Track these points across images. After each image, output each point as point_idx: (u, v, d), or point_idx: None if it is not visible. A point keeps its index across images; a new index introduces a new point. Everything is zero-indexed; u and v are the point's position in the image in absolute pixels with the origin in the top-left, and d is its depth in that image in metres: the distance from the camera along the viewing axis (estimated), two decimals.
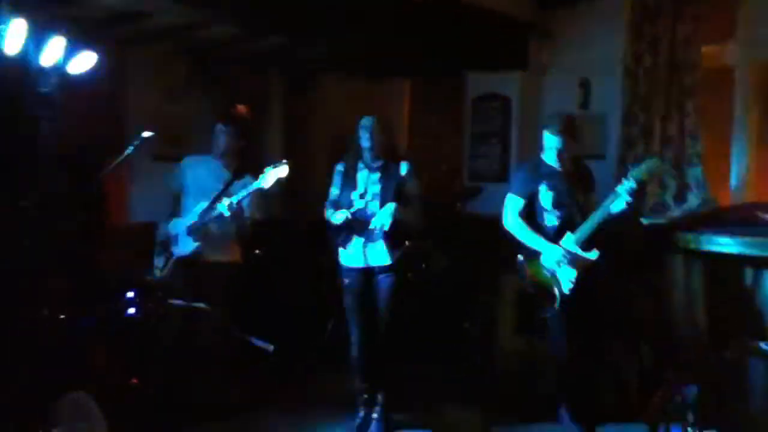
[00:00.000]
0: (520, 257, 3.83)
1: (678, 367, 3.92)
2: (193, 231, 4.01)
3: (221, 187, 3.96)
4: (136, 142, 3.89)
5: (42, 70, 3.86)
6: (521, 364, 4.65)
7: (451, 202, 5.59)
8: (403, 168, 3.79)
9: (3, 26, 3.57)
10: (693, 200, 4.56)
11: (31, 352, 3.59)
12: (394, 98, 6.91)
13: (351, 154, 3.91)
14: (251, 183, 3.88)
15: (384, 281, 3.83)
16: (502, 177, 5.81)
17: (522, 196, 3.82)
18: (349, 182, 3.87)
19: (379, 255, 3.80)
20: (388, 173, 3.79)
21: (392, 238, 3.77)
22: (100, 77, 4.33)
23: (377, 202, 3.76)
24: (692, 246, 4.11)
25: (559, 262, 3.67)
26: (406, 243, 3.94)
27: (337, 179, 3.96)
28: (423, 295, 5.21)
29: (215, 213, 3.88)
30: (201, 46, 5.51)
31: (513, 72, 5.86)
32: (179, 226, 4.09)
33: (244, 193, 3.84)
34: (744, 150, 4.71)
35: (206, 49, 5.60)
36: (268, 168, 3.79)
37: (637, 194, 3.62)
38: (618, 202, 3.56)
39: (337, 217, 3.77)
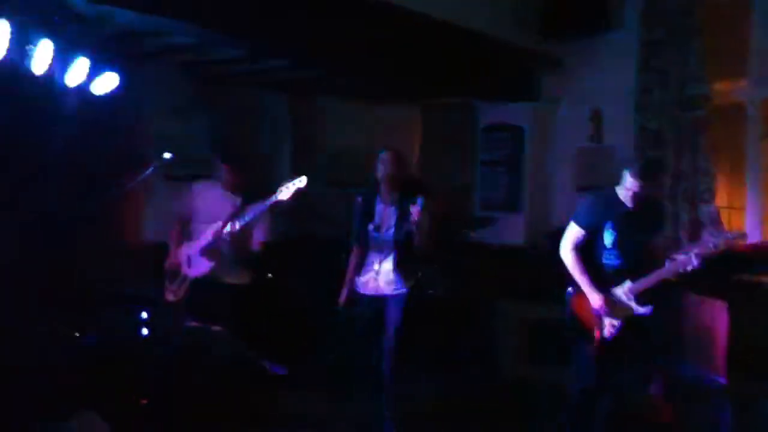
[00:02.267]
0: (570, 289, 3.73)
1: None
2: (206, 252, 4.04)
3: (231, 210, 4.03)
4: (156, 163, 3.91)
5: (66, 90, 3.88)
6: (525, 392, 4.64)
7: (461, 230, 5.61)
8: (419, 203, 3.81)
9: (32, 47, 3.60)
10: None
11: (38, 369, 3.58)
12: (405, 124, 6.96)
13: (369, 187, 3.97)
14: (260, 212, 3.94)
15: (395, 308, 3.88)
16: (512, 206, 5.85)
17: (585, 228, 3.64)
18: (367, 215, 3.95)
19: (392, 283, 3.88)
20: (403, 207, 3.83)
21: (405, 266, 3.84)
22: (119, 97, 4.37)
23: (392, 231, 3.86)
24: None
25: (601, 309, 3.58)
26: (419, 274, 3.98)
27: (356, 212, 4.02)
28: (427, 320, 5.21)
29: (229, 228, 3.96)
30: (210, 66, 5.55)
31: (525, 102, 5.92)
32: (191, 248, 4.13)
33: (255, 213, 3.90)
34: (757, 187, 4.75)
35: (215, 69, 5.64)
36: (284, 183, 3.87)
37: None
38: (687, 262, 3.44)
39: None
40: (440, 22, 4.94)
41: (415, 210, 3.67)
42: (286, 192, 3.84)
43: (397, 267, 3.85)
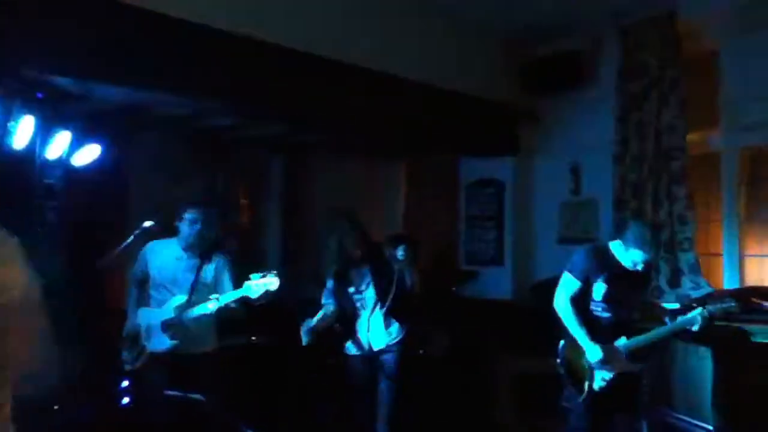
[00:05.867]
0: (563, 342, 3.70)
1: None
2: (168, 327, 3.73)
3: (192, 276, 3.75)
4: (137, 231, 3.95)
5: (47, 163, 3.97)
6: None
7: (448, 285, 5.63)
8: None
9: (14, 123, 3.70)
10: (687, 284, 4.61)
11: None
12: (391, 181, 7.06)
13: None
14: (225, 269, 3.80)
15: (389, 359, 3.87)
16: (497, 261, 5.89)
17: (580, 280, 3.62)
18: (341, 278, 3.92)
19: (381, 336, 3.87)
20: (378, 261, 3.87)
21: (398, 313, 3.86)
22: (104, 165, 4.46)
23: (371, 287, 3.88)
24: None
25: (598, 362, 3.55)
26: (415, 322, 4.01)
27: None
28: (422, 378, 5.18)
29: (196, 312, 3.66)
30: (203, 133, 5.68)
31: (505, 157, 6.03)
32: (150, 317, 3.83)
33: (231, 297, 3.62)
34: (734, 234, 4.80)
35: (208, 134, 5.77)
36: (255, 275, 3.60)
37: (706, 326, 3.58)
38: (688, 324, 3.54)
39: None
40: (423, 84, 5.12)
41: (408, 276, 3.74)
42: (255, 290, 3.56)
43: (390, 313, 3.84)
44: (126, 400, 3.83)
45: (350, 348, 3.97)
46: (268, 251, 6.82)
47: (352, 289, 3.92)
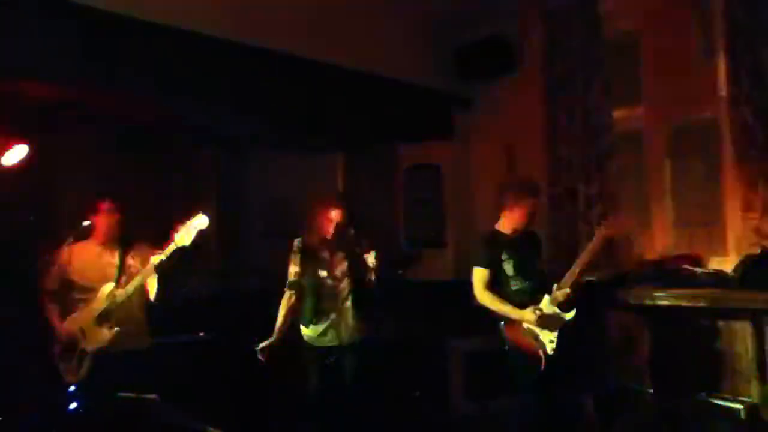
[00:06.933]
0: (501, 323, 3.89)
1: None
2: (103, 319, 3.71)
3: (117, 267, 3.74)
4: (74, 231, 3.82)
5: None
6: (476, 428, 4.70)
7: (392, 268, 5.68)
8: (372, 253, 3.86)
9: None
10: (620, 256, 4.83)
11: None
12: (328, 169, 7.05)
13: (306, 234, 3.95)
14: (146, 249, 3.77)
15: (353, 357, 3.90)
16: (439, 243, 5.98)
17: (487, 266, 3.90)
18: (311, 261, 3.90)
19: (352, 330, 3.89)
20: (353, 254, 3.86)
21: (365, 312, 3.90)
22: (30, 166, 4.28)
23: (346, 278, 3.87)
24: (634, 301, 4.38)
25: (536, 322, 3.77)
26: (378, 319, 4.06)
27: (299, 258, 3.93)
28: (372, 363, 5.22)
29: (135, 282, 3.65)
30: (132, 129, 5.52)
31: (442, 142, 6.11)
32: (82, 318, 3.77)
33: (167, 252, 3.60)
34: (661, 206, 5.02)
35: (138, 130, 5.61)
36: (182, 226, 3.61)
37: None
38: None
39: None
40: (357, 71, 5.12)
41: (371, 259, 3.77)
42: (186, 236, 3.58)
43: (358, 313, 3.87)
44: (73, 405, 3.69)
45: (309, 338, 3.92)
46: (203, 245, 6.71)
47: (323, 273, 3.86)
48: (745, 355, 4.00)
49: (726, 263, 4.45)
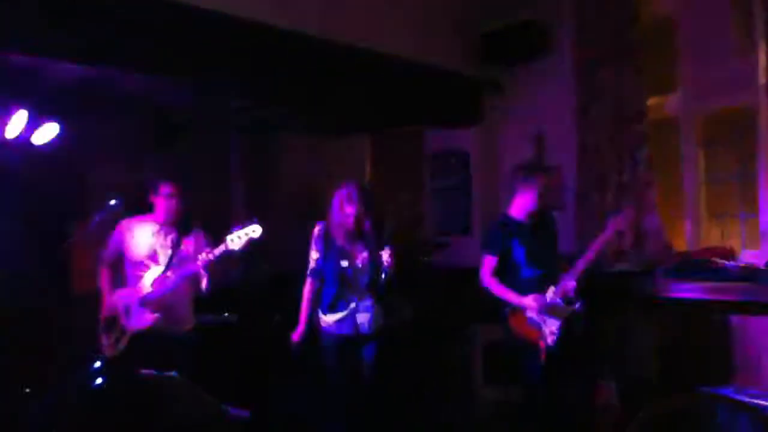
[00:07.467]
0: (506, 310, 3.88)
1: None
2: (148, 302, 3.80)
3: (170, 249, 3.80)
4: (102, 211, 3.87)
5: (5, 143, 3.84)
6: (497, 414, 4.67)
7: (417, 255, 5.66)
8: (387, 249, 3.81)
9: None
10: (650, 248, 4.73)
11: None
12: (355, 154, 7.04)
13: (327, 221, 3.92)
14: (202, 237, 3.82)
15: (372, 347, 3.89)
16: (467, 230, 5.93)
17: (496, 254, 3.89)
18: (332, 248, 3.86)
19: (371, 320, 3.86)
20: (375, 244, 3.80)
21: (385, 302, 3.88)
22: (62, 147, 4.34)
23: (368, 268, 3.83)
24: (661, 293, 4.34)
25: (538, 310, 3.74)
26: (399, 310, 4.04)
27: (318, 244, 3.91)
28: (394, 348, 5.22)
29: (181, 274, 3.73)
30: (162, 111, 5.57)
31: (470, 127, 6.04)
32: (128, 296, 3.87)
33: (216, 253, 3.69)
34: (695, 197, 4.91)
35: (167, 113, 5.66)
36: (236, 230, 3.68)
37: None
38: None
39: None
40: (386, 55, 5.07)
41: (386, 256, 3.72)
42: (237, 242, 3.64)
43: (378, 303, 3.85)
44: (99, 381, 3.76)
45: (328, 325, 3.90)
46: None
47: (345, 264, 3.84)
48: None
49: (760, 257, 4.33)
